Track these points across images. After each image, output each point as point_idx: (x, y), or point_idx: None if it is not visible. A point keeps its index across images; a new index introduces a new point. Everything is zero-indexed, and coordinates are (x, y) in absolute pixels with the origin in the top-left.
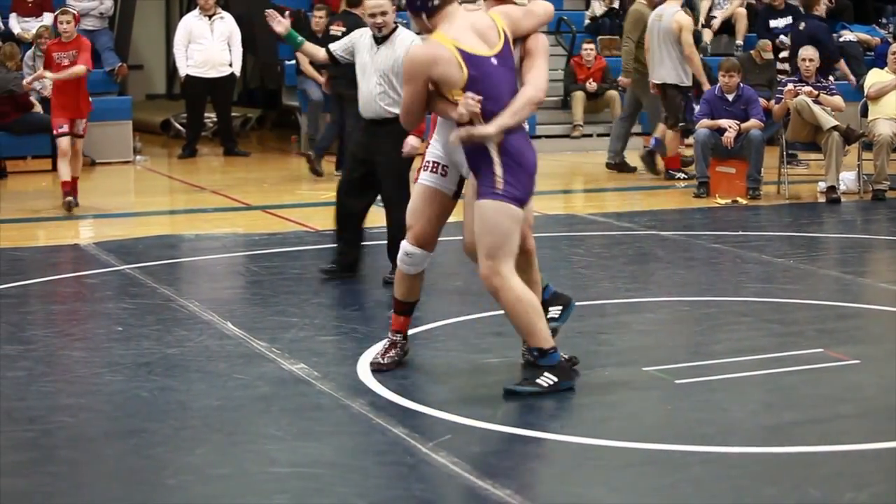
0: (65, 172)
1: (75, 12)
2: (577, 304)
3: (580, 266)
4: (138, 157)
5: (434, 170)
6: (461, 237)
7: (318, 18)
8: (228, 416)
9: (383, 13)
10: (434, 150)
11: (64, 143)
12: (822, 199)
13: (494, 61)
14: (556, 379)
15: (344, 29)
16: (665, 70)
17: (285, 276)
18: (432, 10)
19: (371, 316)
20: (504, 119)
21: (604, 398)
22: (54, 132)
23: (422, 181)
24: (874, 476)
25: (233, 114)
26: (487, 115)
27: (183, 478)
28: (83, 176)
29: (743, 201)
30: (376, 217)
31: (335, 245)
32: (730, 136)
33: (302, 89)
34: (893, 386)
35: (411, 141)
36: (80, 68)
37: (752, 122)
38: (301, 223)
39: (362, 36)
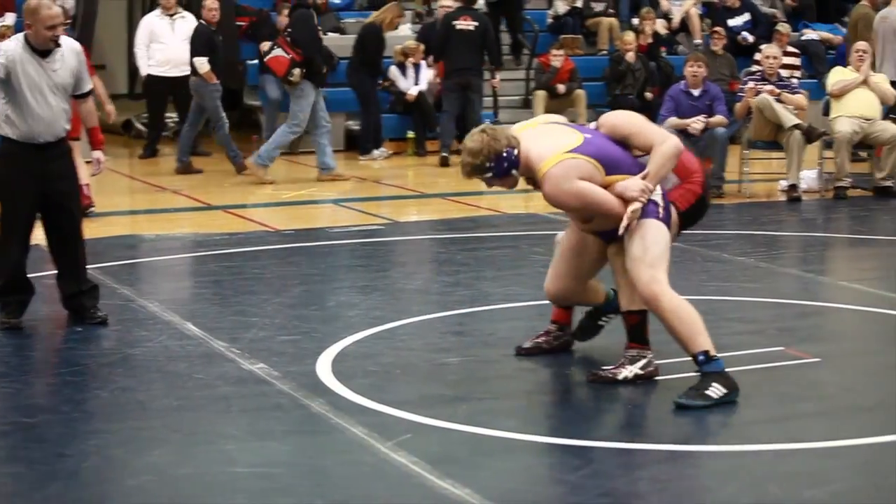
0: None
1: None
2: (537, 303)
3: (541, 266)
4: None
5: None
6: (425, 235)
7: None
8: (188, 417)
9: (62, 24)
10: None
11: None
12: (783, 198)
13: (590, 135)
14: (725, 390)
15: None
16: (891, 67)
17: (245, 276)
18: (516, 158)
19: (331, 316)
20: (652, 171)
21: (565, 397)
22: None
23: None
24: (834, 474)
25: None
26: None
27: (143, 478)
28: None
29: None
30: (341, 217)
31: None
32: (697, 126)
33: (262, 88)
34: (853, 384)
35: None
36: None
37: (718, 118)
38: (261, 223)
39: (16, 49)
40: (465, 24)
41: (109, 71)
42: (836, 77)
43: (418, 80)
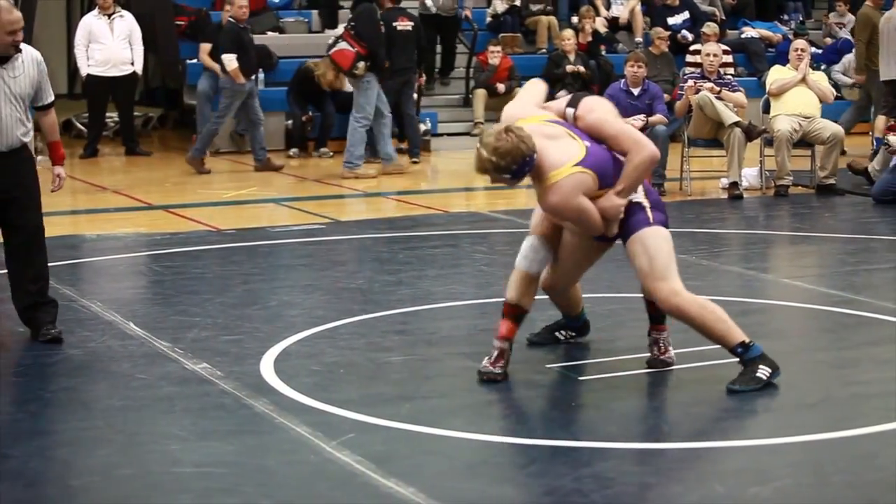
0: None
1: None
2: (479, 301)
3: (482, 264)
4: (39, 158)
5: None
6: (367, 234)
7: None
8: (132, 417)
9: (22, 29)
10: None
11: None
12: (724, 196)
13: (588, 144)
14: (770, 370)
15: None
16: (892, 69)
17: (187, 276)
18: (534, 163)
19: (274, 315)
20: (626, 185)
21: (508, 395)
22: None
23: None
24: (778, 471)
25: (134, 113)
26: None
27: (87, 479)
28: None
29: None
30: (282, 216)
31: None
32: (636, 125)
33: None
34: (796, 381)
35: None
36: None
37: (658, 117)
38: (203, 223)
39: None
40: (404, 24)
41: (49, 71)
42: (776, 76)
43: None
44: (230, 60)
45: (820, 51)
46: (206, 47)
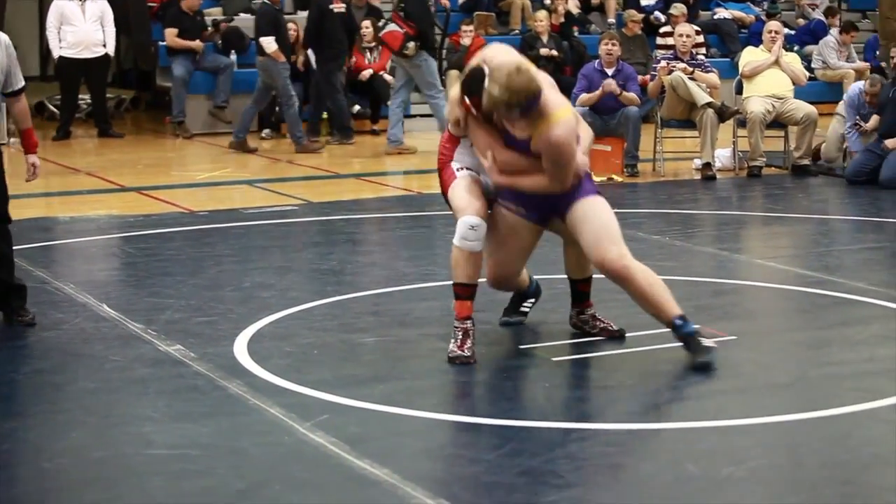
0: None
1: None
2: (452, 283)
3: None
4: (12, 140)
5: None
6: (340, 216)
7: None
8: (105, 399)
9: None
10: (462, 161)
11: None
12: (697, 176)
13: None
14: (710, 344)
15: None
16: None
17: (160, 258)
18: (539, 99)
19: (247, 297)
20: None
21: (481, 377)
22: None
23: (462, 175)
24: (751, 451)
25: (107, 95)
26: None
27: (59, 461)
28: None
29: (618, 179)
30: (255, 197)
31: None
32: (611, 83)
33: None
34: (769, 362)
35: None
36: None
37: (630, 95)
38: (176, 204)
39: None
40: (339, 7)
41: (21, 53)
42: (749, 57)
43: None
44: (269, 42)
45: (793, 32)
46: (172, 31)
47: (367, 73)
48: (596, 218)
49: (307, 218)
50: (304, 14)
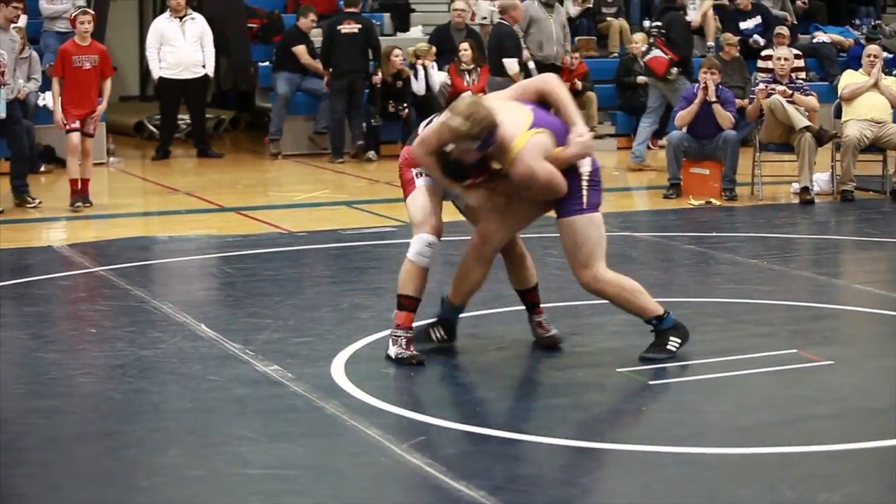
0: (73, 170)
1: (93, 13)
2: (552, 305)
3: (554, 268)
4: (112, 159)
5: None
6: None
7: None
8: (202, 418)
9: None
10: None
11: (73, 139)
12: (795, 200)
13: (528, 106)
14: (679, 340)
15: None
16: None
17: (258, 278)
18: (495, 133)
19: (345, 318)
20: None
21: (577, 399)
22: (66, 128)
23: (422, 182)
24: (848, 477)
25: (206, 115)
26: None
27: (156, 479)
28: (56, 177)
29: (716, 202)
30: (354, 218)
31: None
32: (710, 85)
33: (273, 86)
34: (866, 387)
35: None
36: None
37: (725, 113)
38: (274, 224)
39: None
40: (349, 28)
41: (121, 73)
42: (848, 80)
43: (427, 80)
44: (512, 64)
45: (892, 56)
46: (301, 49)
47: (466, 96)
48: (571, 240)
49: (405, 239)
50: (405, 35)
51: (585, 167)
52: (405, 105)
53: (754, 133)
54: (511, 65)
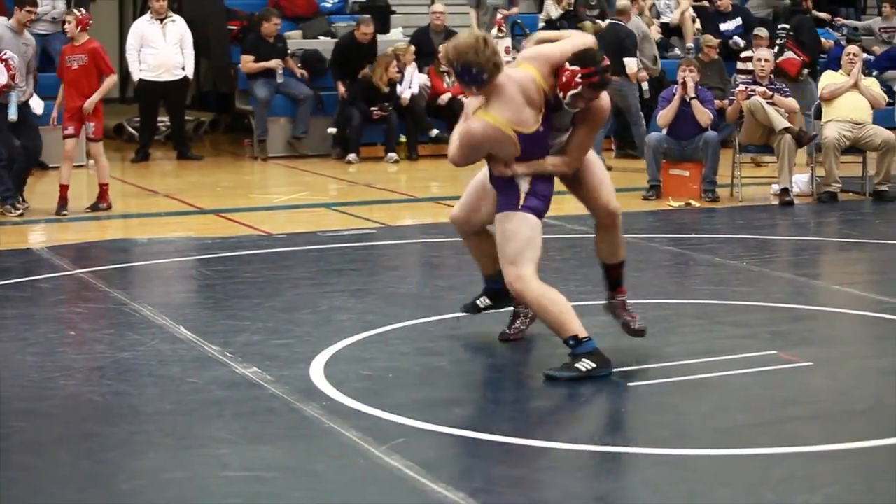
0: (65, 175)
1: (79, 14)
2: None
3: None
4: (91, 162)
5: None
6: (417, 239)
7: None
8: (181, 421)
9: None
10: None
11: (69, 144)
12: (775, 202)
13: (542, 128)
14: (594, 365)
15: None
16: None
17: (238, 280)
18: (483, 83)
19: (324, 320)
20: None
21: (558, 401)
22: (62, 134)
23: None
24: (827, 478)
25: (186, 118)
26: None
27: (136, 482)
28: (36, 179)
29: (696, 204)
30: (333, 220)
31: None
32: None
33: (251, 90)
34: (846, 388)
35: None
36: (112, 80)
37: (704, 109)
38: (254, 227)
39: None
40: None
41: None
42: (828, 80)
43: (410, 85)
44: (632, 63)
45: (872, 57)
46: (248, 58)
47: (445, 98)
48: (501, 235)
49: (385, 241)
50: (386, 37)
51: (529, 183)
52: (389, 106)
53: (734, 134)
54: (631, 64)
